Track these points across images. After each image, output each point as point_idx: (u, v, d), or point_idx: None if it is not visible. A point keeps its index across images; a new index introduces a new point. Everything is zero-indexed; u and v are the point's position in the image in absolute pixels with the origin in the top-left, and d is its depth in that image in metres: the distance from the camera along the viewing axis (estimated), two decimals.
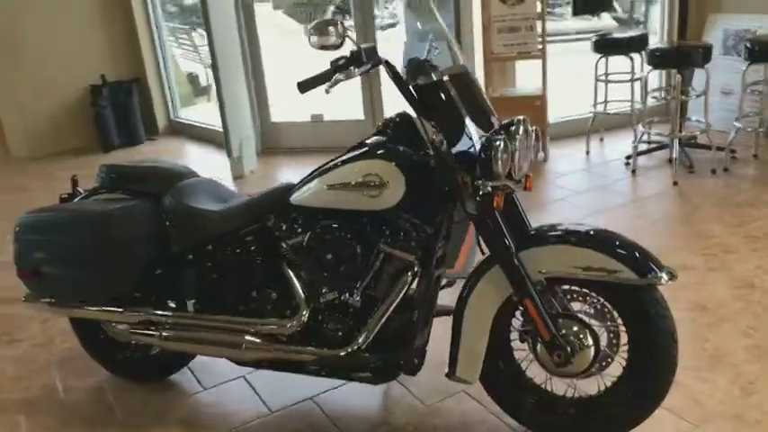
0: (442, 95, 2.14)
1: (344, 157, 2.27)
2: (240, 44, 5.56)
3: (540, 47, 4.78)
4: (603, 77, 5.12)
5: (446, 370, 2.25)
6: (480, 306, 2.23)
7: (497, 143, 2.03)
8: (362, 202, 2.20)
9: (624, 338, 2.21)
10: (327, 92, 2.08)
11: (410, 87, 2.15)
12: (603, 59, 5.03)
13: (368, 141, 2.29)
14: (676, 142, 4.53)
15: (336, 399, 2.62)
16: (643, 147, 4.91)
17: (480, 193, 2.08)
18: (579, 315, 2.21)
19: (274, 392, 2.68)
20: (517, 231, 2.22)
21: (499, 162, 2.03)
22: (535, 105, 4.91)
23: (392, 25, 8.89)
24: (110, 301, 2.59)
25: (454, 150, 2.11)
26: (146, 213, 2.53)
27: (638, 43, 4.82)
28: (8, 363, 3.08)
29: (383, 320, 2.27)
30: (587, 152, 5.13)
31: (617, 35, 4.96)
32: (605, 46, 4.94)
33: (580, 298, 2.24)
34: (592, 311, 2.25)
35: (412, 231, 2.24)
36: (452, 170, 2.12)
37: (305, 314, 2.35)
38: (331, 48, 2.08)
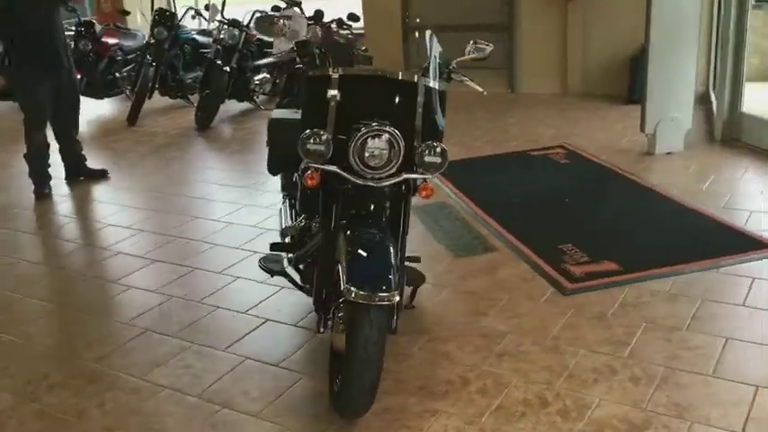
0: (319, 87, 2.55)
1: None
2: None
3: None
4: None
5: None
6: None
7: (305, 134, 2.47)
8: None
9: None
10: None
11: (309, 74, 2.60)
12: None
13: None
14: None
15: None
16: None
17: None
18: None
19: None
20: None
21: (299, 147, 2.48)
22: None
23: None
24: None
25: None
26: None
27: None
28: None
29: (304, 255, 3.01)
30: None
31: None
32: None
33: None
34: None
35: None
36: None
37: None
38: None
